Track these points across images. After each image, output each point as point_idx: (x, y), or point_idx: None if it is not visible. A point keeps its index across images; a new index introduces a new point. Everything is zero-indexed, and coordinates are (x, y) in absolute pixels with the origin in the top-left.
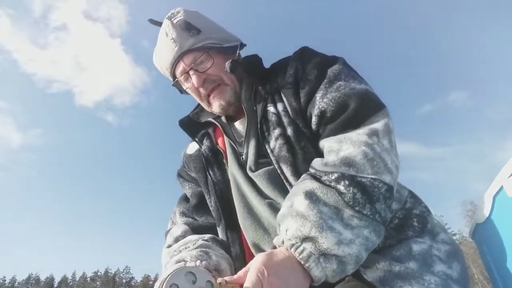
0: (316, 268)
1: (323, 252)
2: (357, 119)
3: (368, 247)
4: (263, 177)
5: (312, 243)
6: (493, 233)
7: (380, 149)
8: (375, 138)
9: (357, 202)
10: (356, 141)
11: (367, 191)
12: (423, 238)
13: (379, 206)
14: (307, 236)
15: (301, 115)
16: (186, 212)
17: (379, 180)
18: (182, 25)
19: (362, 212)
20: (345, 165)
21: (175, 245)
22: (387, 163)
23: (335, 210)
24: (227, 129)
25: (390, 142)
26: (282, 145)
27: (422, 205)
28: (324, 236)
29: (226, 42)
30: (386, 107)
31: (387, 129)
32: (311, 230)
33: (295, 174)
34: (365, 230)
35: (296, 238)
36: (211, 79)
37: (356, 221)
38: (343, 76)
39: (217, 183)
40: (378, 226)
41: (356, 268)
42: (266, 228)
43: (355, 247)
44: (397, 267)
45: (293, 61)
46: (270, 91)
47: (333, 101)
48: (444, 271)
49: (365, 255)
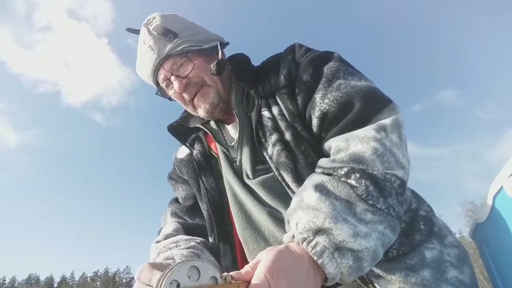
0: (330, 264)
1: (338, 246)
2: (363, 118)
3: (384, 243)
4: (261, 185)
5: (326, 235)
6: (493, 233)
7: (390, 144)
8: (383, 133)
9: (371, 195)
10: (364, 137)
11: (380, 184)
12: (432, 242)
13: (391, 201)
14: (320, 228)
15: (299, 118)
16: (178, 213)
17: (391, 174)
18: (159, 30)
19: (376, 206)
20: (354, 161)
21: (164, 242)
22: (399, 157)
23: (346, 204)
24: (217, 134)
25: (399, 136)
26: (280, 151)
27: (425, 204)
28: (339, 228)
29: (205, 43)
30: (393, 101)
31: (395, 124)
32: (324, 221)
33: (297, 181)
34: (379, 226)
35: (308, 231)
36: (193, 82)
37: (369, 215)
38: (341, 74)
39: (210, 190)
40: (393, 222)
41: (373, 266)
42: (267, 238)
43: (372, 240)
44: (413, 278)
45: (285, 60)
46: (264, 95)
47: (335, 101)
48: (457, 276)
49: (381, 252)
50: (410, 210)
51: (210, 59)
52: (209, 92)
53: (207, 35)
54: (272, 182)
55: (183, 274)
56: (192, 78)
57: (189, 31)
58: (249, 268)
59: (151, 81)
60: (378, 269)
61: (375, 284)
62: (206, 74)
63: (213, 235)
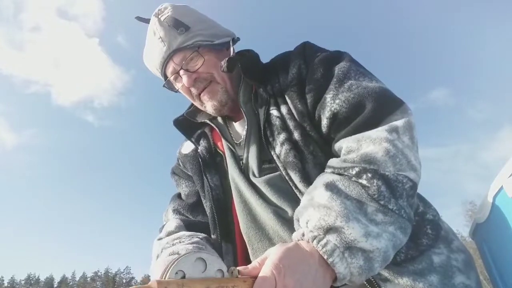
0: (340, 263)
1: (349, 245)
2: (375, 119)
3: (395, 244)
4: (267, 184)
5: (337, 234)
6: (493, 233)
7: (402, 146)
8: (395, 134)
9: (382, 195)
10: (375, 138)
11: (391, 185)
12: (439, 247)
13: (402, 203)
14: (331, 226)
15: (308, 117)
16: (180, 210)
17: (403, 175)
18: (170, 22)
19: (387, 207)
20: (365, 161)
21: (167, 238)
22: (411, 159)
23: (358, 204)
24: (224, 131)
25: (411, 138)
26: (288, 150)
27: (432, 208)
28: (351, 227)
29: (217, 38)
30: (405, 103)
31: (408, 125)
32: (336, 219)
33: (305, 180)
34: (390, 227)
35: (319, 230)
36: (202, 77)
37: (381, 216)
38: (352, 74)
39: (214, 188)
40: (404, 223)
41: (383, 267)
42: (271, 237)
43: (383, 241)
44: (420, 283)
45: (295, 59)
46: (272, 93)
47: (347, 102)
48: (464, 282)
49: (392, 254)
50: (417, 213)
51: (221, 55)
52: (217, 89)
53: (219, 30)
54: (279, 181)
55: (189, 265)
56: (201, 74)
57: (201, 24)
58: (257, 264)
59: (158, 73)
60: (386, 273)
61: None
62: (216, 71)
63: (216, 233)
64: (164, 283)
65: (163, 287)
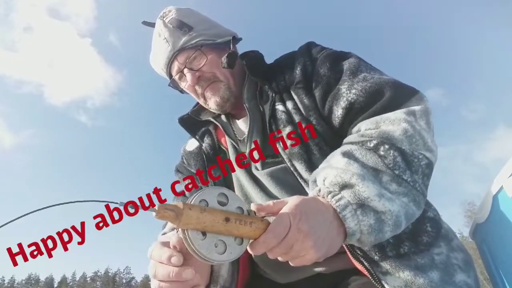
0: (351, 219)
1: (362, 202)
2: (393, 105)
3: (408, 213)
4: (270, 176)
5: (351, 191)
6: (493, 233)
7: (419, 128)
8: (413, 117)
9: (398, 165)
10: (394, 119)
11: (408, 159)
12: (439, 245)
13: (417, 178)
14: (347, 183)
15: (314, 111)
16: None
17: (419, 152)
18: (174, 23)
19: (402, 177)
20: (383, 137)
21: (171, 232)
22: (427, 141)
23: (374, 172)
24: (227, 128)
25: (427, 123)
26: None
27: (432, 207)
28: (365, 185)
29: (219, 38)
30: (420, 92)
31: (425, 110)
32: (352, 177)
33: (310, 170)
34: (403, 198)
35: (335, 186)
36: (206, 76)
37: (395, 186)
38: (364, 68)
39: (217, 183)
40: (418, 196)
41: (394, 233)
42: None
43: (396, 205)
44: (421, 279)
45: (300, 57)
46: (278, 90)
47: (364, 91)
48: (465, 280)
49: (404, 222)
50: None
51: (223, 54)
52: (219, 87)
53: (221, 30)
54: (281, 174)
55: (212, 196)
56: (204, 72)
57: (204, 25)
58: (271, 203)
59: (164, 73)
60: (387, 265)
61: (382, 282)
62: (218, 69)
63: None
64: (189, 205)
65: (188, 208)
